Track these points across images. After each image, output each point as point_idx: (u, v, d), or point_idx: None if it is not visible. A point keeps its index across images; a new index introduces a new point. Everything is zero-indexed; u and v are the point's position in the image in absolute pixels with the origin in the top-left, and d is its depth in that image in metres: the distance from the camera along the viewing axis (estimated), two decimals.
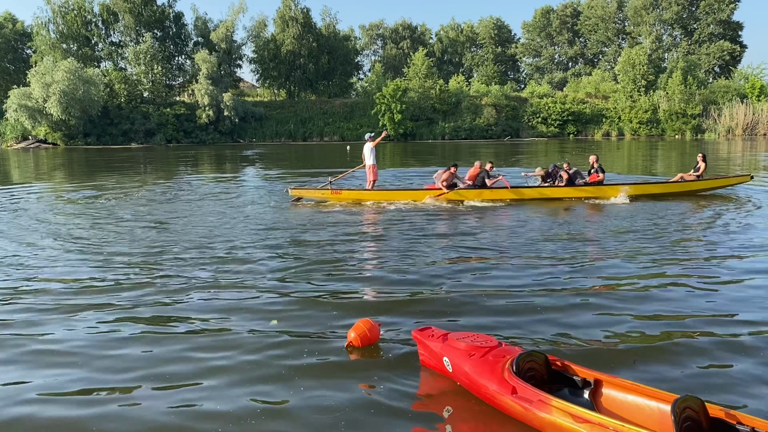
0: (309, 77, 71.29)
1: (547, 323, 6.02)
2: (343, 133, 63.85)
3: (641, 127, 64.86)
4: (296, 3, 70.40)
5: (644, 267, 8.19)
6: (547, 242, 9.89)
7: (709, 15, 79.44)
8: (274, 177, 23.67)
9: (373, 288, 7.39)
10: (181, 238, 10.65)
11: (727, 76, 74.25)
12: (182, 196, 17.27)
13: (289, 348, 5.51)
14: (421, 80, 67.84)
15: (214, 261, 8.84)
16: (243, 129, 62.91)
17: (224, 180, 22.63)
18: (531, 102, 68.17)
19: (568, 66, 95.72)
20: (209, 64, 60.86)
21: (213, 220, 12.81)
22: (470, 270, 8.12)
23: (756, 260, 8.52)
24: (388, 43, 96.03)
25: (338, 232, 11.21)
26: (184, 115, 60.12)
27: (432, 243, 9.84)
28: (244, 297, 7.10)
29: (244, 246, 9.95)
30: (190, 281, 7.76)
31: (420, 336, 5.05)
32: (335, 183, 16.38)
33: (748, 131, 61.58)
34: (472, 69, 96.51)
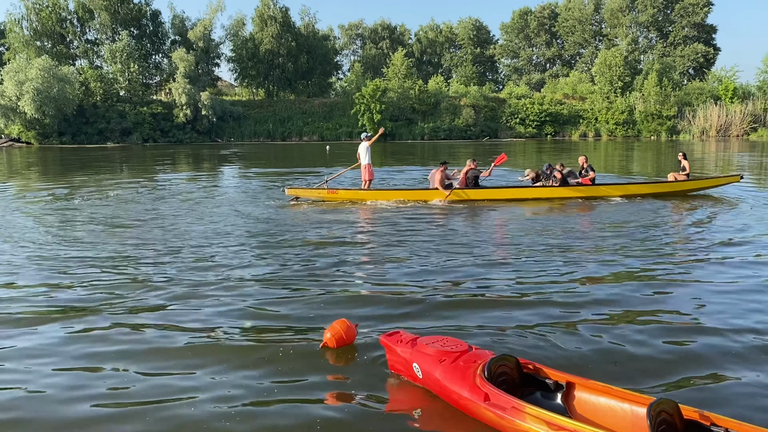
0: (288, 76, 70.99)
1: (520, 326, 5.95)
2: (323, 133, 63.66)
3: (618, 128, 65.60)
4: (275, 2, 70.11)
5: (627, 269, 8.16)
6: (532, 244, 9.85)
7: (684, 18, 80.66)
8: (254, 176, 23.50)
9: (353, 289, 7.31)
10: (158, 238, 10.52)
11: (701, 78, 75.41)
12: (160, 195, 17.06)
13: (264, 348, 5.43)
14: (401, 80, 67.93)
15: (191, 259, 8.73)
16: (221, 128, 62.43)
17: (202, 179, 22.42)
18: (509, 103, 68.59)
19: (545, 67, 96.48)
20: (187, 63, 60.29)
21: (190, 219, 12.67)
22: (453, 272, 8.05)
23: (744, 262, 8.51)
24: (368, 43, 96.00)
25: (326, 232, 11.11)
26: (161, 114, 59.49)
27: (419, 245, 9.74)
28: (220, 295, 7.02)
29: (224, 244, 9.85)
30: (163, 280, 7.65)
31: (388, 341, 4.89)
32: (332, 182, 16.35)
33: (721, 132, 62.57)
34: (451, 70, 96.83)
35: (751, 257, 8.85)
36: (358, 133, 61.40)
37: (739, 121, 62.74)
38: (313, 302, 6.73)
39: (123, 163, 32.78)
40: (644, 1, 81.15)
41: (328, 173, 17.99)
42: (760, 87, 65.62)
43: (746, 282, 7.42)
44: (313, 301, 6.76)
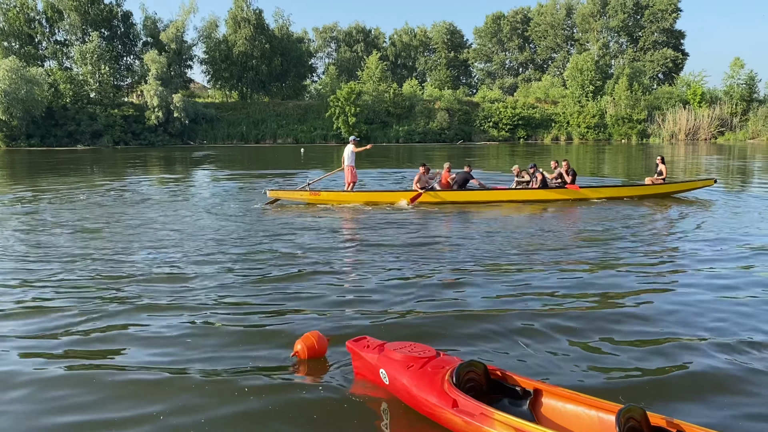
0: (262, 79, 70.57)
1: (488, 331, 5.91)
2: (297, 136, 63.39)
3: (589, 131, 66.46)
4: (248, 4, 69.65)
5: (599, 275, 8.15)
6: (506, 248, 9.80)
7: (653, 23, 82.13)
8: (228, 179, 23.30)
9: (325, 294, 7.17)
10: (125, 244, 10.36)
11: (671, 82, 76.81)
12: (130, 199, 16.80)
13: (233, 357, 5.33)
14: (375, 84, 68.00)
15: (158, 265, 8.62)
16: (193, 131, 61.79)
17: (174, 182, 22.16)
18: (483, 106, 69.06)
19: (518, 71, 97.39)
20: (159, 65, 59.58)
21: (160, 224, 12.49)
22: (424, 277, 7.97)
23: (715, 267, 8.57)
24: (342, 45, 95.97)
25: (301, 236, 10.94)
26: (132, 117, 58.67)
27: (394, 249, 9.58)
28: (187, 302, 6.91)
29: (193, 249, 9.72)
30: (128, 285, 7.55)
31: (355, 347, 4.79)
32: (314, 185, 16.24)
33: (690, 136, 63.79)
34: (426, 73, 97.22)
35: (724, 261, 8.93)
36: (333, 136, 62.23)
37: (707, 125, 64.03)
38: (285, 309, 6.59)
39: (93, 165, 32.26)
40: (615, 7, 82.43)
41: (311, 176, 17.84)
42: (726, 92, 67.05)
43: (717, 288, 7.43)
44: (284, 308, 6.62)
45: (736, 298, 6.98)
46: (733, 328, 5.98)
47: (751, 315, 6.39)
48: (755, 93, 67.70)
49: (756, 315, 6.38)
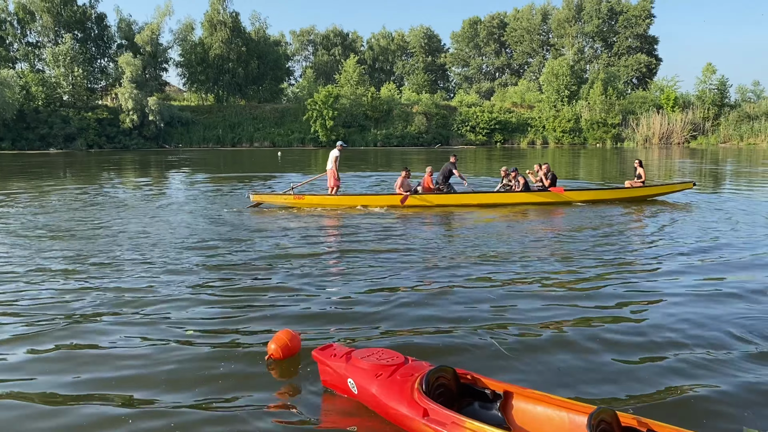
0: (238, 82, 70.19)
1: (457, 335, 5.83)
2: (274, 139, 63.11)
3: (564, 135, 67.15)
4: (225, 7, 69.27)
5: (573, 276, 8.15)
6: (483, 251, 9.73)
7: (627, 29, 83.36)
8: (204, 182, 23.05)
9: (299, 300, 7.04)
10: (99, 248, 10.16)
11: (644, 87, 78.01)
12: (103, 202, 16.50)
13: (206, 359, 5.25)
14: (353, 87, 68.02)
15: (132, 269, 8.45)
16: (169, 134, 61.20)
17: (149, 186, 21.85)
18: (460, 111, 69.43)
19: (495, 76, 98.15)
20: (133, 67, 58.93)
21: (135, 228, 12.28)
22: (398, 281, 7.87)
23: (692, 269, 8.61)
24: (320, 49, 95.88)
25: (282, 240, 10.76)
26: (106, 120, 57.94)
27: (374, 255, 9.39)
28: (162, 304, 6.80)
29: (169, 253, 9.56)
30: (100, 289, 7.39)
31: (321, 356, 4.65)
32: (298, 189, 16.10)
33: (663, 140, 64.78)
34: (403, 77, 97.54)
35: (701, 264, 8.98)
36: (311, 140, 62.13)
37: (680, 129, 65.08)
38: (258, 314, 6.47)
39: (66, 169, 31.73)
40: (590, 12, 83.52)
41: (293, 180, 17.70)
42: (699, 96, 68.21)
43: (691, 290, 7.43)
44: (258, 313, 6.50)
45: (712, 302, 7.02)
46: (706, 332, 5.98)
47: (725, 319, 6.40)
48: (726, 98, 68.99)
49: (731, 319, 6.40)
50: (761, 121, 63.57)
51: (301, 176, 25.80)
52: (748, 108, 67.10)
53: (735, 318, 6.30)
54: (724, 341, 5.67)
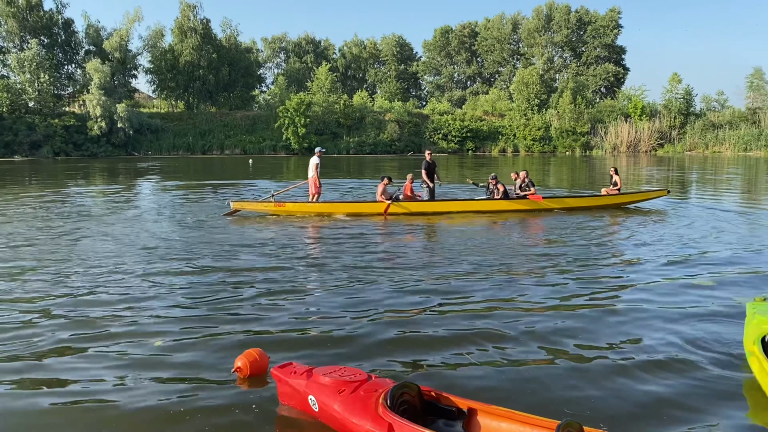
0: (209, 89, 69.62)
1: (421, 351, 5.67)
2: (245, 146, 62.66)
3: (535, 143, 67.93)
4: (195, 14, 68.79)
5: (547, 287, 8.07)
6: (455, 263, 9.56)
7: (596, 39, 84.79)
8: (173, 189, 22.72)
9: (269, 314, 6.83)
10: (64, 257, 9.93)
11: (612, 96, 79.39)
12: (69, 211, 16.14)
13: (171, 374, 5.13)
14: (325, 95, 67.95)
15: (97, 281, 8.27)
16: (138, 141, 60.38)
17: (117, 194, 21.47)
18: (432, 119, 69.81)
19: (466, 84, 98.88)
20: (102, 74, 58.02)
21: (101, 238, 12.04)
22: (369, 295, 7.62)
23: (662, 276, 8.65)
24: (291, 56, 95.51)
25: (255, 250, 10.54)
26: (73, 127, 56.90)
27: (347, 267, 9.10)
28: (128, 315, 6.66)
29: (139, 261, 9.39)
30: (66, 304, 7.21)
31: (280, 374, 4.53)
32: (278, 196, 15.92)
33: (631, 148, 65.94)
34: (376, 85, 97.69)
35: (673, 271, 9.08)
36: (282, 147, 61.79)
37: (647, 137, 66.33)
38: (227, 328, 6.29)
39: (31, 177, 31.05)
40: (559, 22, 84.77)
41: (267, 186, 17.49)
42: (665, 105, 69.64)
43: (658, 303, 7.37)
44: (227, 326, 6.32)
45: (683, 309, 7.09)
46: (677, 340, 5.99)
47: (698, 333, 6.44)
48: (692, 107, 70.58)
49: (706, 334, 6.44)
50: (725, 130, 65.11)
51: (273, 183, 25.63)
52: (712, 117, 68.71)
53: (708, 332, 6.26)
54: (697, 354, 5.64)
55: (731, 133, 64.29)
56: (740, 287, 7.91)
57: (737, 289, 7.83)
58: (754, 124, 64.93)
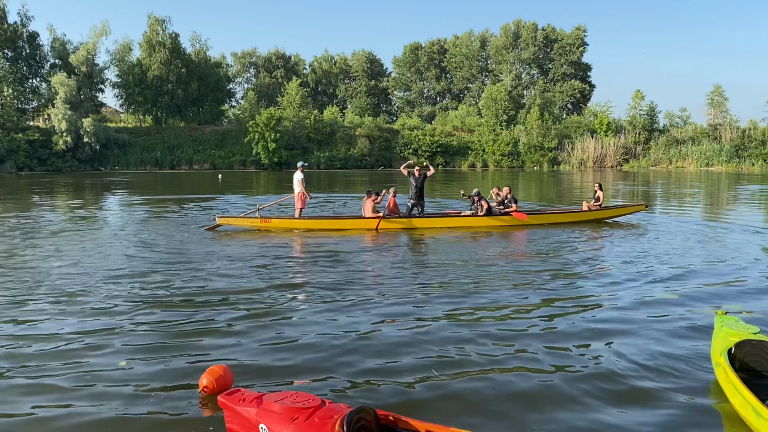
0: (177, 103, 69.03)
1: (377, 375, 5.49)
2: (214, 161, 62.18)
3: (503, 158, 68.72)
4: (164, 28, 68.22)
5: (505, 306, 7.94)
6: (433, 283, 9.35)
7: (562, 56, 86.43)
8: (140, 204, 22.40)
9: (236, 331, 6.72)
10: (25, 275, 9.72)
11: (579, 112, 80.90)
12: (32, 227, 15.82)
13: (136, 392, 5.03)
14: (296, 110, 67.88)
15: (66, 295, 8.12)
16: (105, 156, 59.49)
17: (82, 209, 21.09)
18: (402, 134, 70.21)
19: (436, 100, 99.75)
20: (67, 88, 57.14)
21: (67, 256, 11.82)
22: (331, 316, 7.39)
23: (632, 289, 8.76)
24: (262, 71, 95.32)
25: (230, 268, 10.32)
26: (38, 141, 55.83)
27: (320, 288, 8.82)
28: (95, 334, 6.53)
29: (106, 279, 9.23)
30: (29, 311, 7.06)
31: (228, 401, 4.29)
32: (263, 211, 15.73)
33: (597, 163, 67.10)
34: (346, 100, 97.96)
35: (646, 287, 9.28)
36: (252, 162, 61.42)
37: (613, 152, 67.63)
38: (193, 345, 6.18)
39: None
40: (526, 40, 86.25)
41: (260, 201, 17.28)
42: (630, 122, 71.14)
43: (627, 316, 7.39)
44: (192, 345, 6.21)
45: (652, 322, 7.21)
46: (646, 353, 6.08)
47: (665, 340, 6.59)
48: (656, 123, 72.27)
49: (669, 340, 6.58)
50: (688, 146, 66.75)
51: (243, 198, 25.47)
52: (675, 133, 70.41)
53: (676, 345, 6.33)
54: (665, 366, 5.69)
55: (694, 149, 65.93)
56: (705, 300, 8.08)
57: (702, 302, 8.00)
58: (715, 139, 66.68)
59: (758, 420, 4.22)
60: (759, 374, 5.03)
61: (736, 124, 68.41)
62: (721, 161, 63.02)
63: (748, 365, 5.10)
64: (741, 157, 63.16)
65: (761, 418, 4.18)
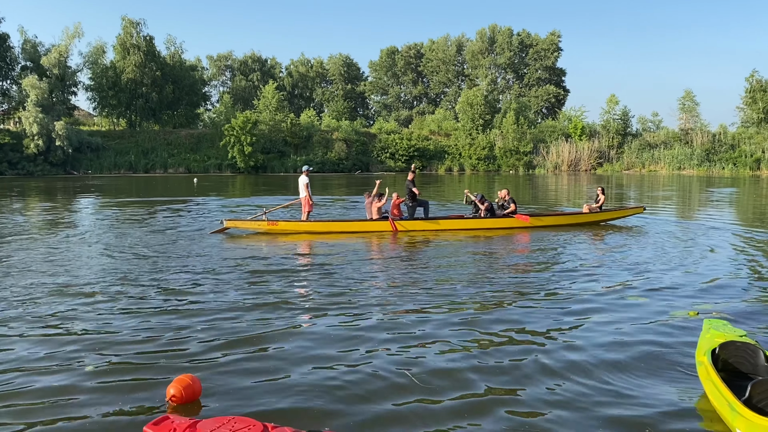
0: (152, 106, 68.28)
1: (329, 395, 5.05)
2: (190, 165, 61.61)
3: (480, 162, 69.14)
4: (138, 30, 67.56)
5: (481, 315, 7.85)
6: (423, 291, 8.78)
7: (537, 61, 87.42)
8: (112, 207, 22.10)
9: (207, 339, 6.48)
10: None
11: (554, 117, 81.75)
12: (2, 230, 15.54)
13: (101, 401, 4.89)
14: (272, 113, 67.58)
15: (33, 299, 7.98)
16: (77, 160, 58.60)
17: (52, 214, 20.74)
18: (379, 138, 70.27)
19: (413, 104, 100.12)
20: (39, 91, 56.23)
21: (38, 262, 11.63)
22: (304, 334, 6.98)
23: (622, 294, 8.74)
24: (237, 74, 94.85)
25: (215, 272, 10.22)
26: (8, 145, 54.85)
27: (306, 297, 8.49)
28: (58, 338, 6.41)
29: (75, 285, 9.09)
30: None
31: (156, 431, 3.91)
32: (271, 214, 15.76)
33: (572, 167, 67.85)
34: (323, 104, 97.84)
35: (622, 288, 9.40)
36: (228, 166, 61.00)
37: (587, 156, 68.43)
38: (161, 353, 6.01)
39: None
40: (501, 45, 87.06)
41: (267, 205, 17.20)
42: (604, 126, 72.08)
43: (610, 317, 7.45)
44: (161, 352, 6.01)
45: (636, 323, 7.30)
46: (629, 354, 6.18)
47: (649, 339, 6.67)
48: (629, 127, 73.32)
49: (653, 339, 6.67)
50: (660, 150, 67.82)
51: (221, 200, 25.26)
52: (648, 137, 71.51)
53: (660, 345, 6.38)
54: (648, 365, 5.74)
55: (666, 153, 67.00)
56: (688, 299, 8.21)
57: (683, 301, 8.12)
58: (687, 144, 67.84)
59: (732, 414, 4.29)
60: (741, 375, 5.13)
61: (707, 129, 69.71)
62: (693, 165, 64.15)
63: (731, 366, 5.19)
64: (711, 160, 64.34)
65: (735, 413, 4.26)
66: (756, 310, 7.71)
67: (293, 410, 4.74)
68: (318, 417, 4.63)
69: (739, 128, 69.64)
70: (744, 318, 7.28)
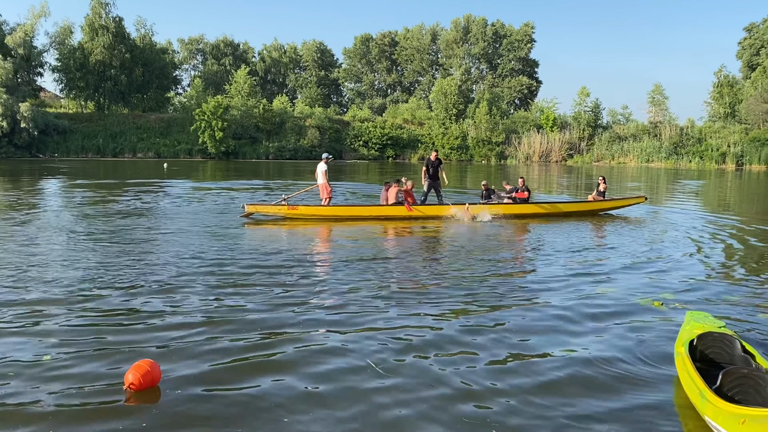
0: (121, 89, 66.91)
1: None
2: (159, 150, 60.63)
3: (453, 152, 69.34)
4: (107, 11, 65.98)
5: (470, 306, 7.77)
6: (420, 286, 8.49)
7: (510, 52, 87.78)
8: (79, 190, 21.68)
9: (173, 323, 6.38)
10: None
11: (526, 108, 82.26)
12: None
13: (58, 388, 4.80)
14: (244, 98, 66.79)
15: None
16: (43, 143, 57.28)
17: (15, 197, 20.28)
18: (353, 125, 69.97)
19: (387, 93, 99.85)
20: (3, 71, 54.79)
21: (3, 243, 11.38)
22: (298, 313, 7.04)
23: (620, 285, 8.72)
24: (209, 58, 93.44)
25: (217, 257, 10.05)
26: None
27: (300, 286, 8.25)
28: (19, 323, 6.29)
29: (37, 269, 8.91)
30: None
31: None
32: (291, 199, 15.94)
33: (543, 158, 68.45)
34: (296, 90, 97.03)
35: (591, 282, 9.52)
36: (198, 151, 60.34)
37: (558, 148, 69.06)
38: (122, 339, 5.91)
39: None
40: (476, 35, 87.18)
41: (285, 192, 17.24)
42: (575, 117, 72.75)
43: (587, 310, 7.36)
44: (119, 343, 5.81)
45: (613, 314, 7.42)
46: (609, 345, 6.26)
47: (625, 332, 6.75)
48: (600, 120, 74.11)
49: (631, 331, 6.76)
50: (630, 142, 68.74)
51: (190, 182, 24.94)
52: (618, 129, 72.38)
53: (639, 336, 6.52)
54: (626, 357, 5.78)
55: (635, 145, 67.90)
56: (667, 291, 8.38)
57: (654, 290, 8.28)
58: (655, 137, 68.82)
59: (702, 402, 4.41)
60: (718, 365, 5.23)
61: (675, 122, 70.81)
62: (661, 158, 65.16)
63: (708, 356, 5.33)
64: (679, 154, 65.41)
65: (705, 400, 4.38)
66: (736, 300, 7.89)
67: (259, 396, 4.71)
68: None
69: (706, 122, 70.93)
70: (726, 310, 7.40)
